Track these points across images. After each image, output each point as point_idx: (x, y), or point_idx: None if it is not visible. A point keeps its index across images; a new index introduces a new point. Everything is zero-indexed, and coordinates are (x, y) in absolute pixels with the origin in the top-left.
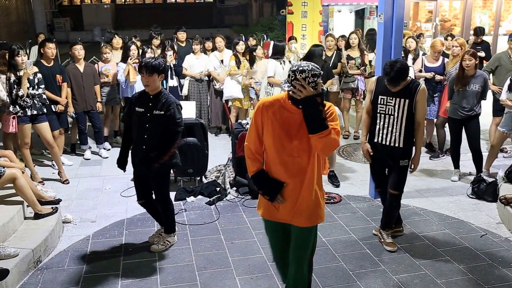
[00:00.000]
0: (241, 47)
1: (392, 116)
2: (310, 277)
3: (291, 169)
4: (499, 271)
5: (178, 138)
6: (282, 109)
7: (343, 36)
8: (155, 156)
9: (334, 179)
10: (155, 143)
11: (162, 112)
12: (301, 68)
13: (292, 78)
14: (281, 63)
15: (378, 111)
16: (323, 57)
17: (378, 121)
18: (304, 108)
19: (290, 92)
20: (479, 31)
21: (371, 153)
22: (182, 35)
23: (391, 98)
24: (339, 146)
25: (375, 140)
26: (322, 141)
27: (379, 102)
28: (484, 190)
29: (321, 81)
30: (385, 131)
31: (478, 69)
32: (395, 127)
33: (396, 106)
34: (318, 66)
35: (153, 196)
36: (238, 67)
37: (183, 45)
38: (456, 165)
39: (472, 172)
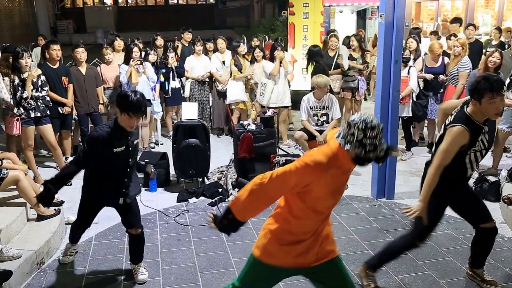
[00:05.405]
0: (241, 48)
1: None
2: None
3: (317, 221)
4: (502, 271)
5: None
6: (338, 170)
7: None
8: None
9: None
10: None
11: (138, 140)
12: (370, 125)
13: (360, 137)
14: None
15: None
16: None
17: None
18: None
19: (357, 152)
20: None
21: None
22: (188, 36)
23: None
24: None
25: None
26: None
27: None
28: (486, 190)
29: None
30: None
31: None
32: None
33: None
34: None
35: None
36: (240, 71)
37: (187, 45)
38: None
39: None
